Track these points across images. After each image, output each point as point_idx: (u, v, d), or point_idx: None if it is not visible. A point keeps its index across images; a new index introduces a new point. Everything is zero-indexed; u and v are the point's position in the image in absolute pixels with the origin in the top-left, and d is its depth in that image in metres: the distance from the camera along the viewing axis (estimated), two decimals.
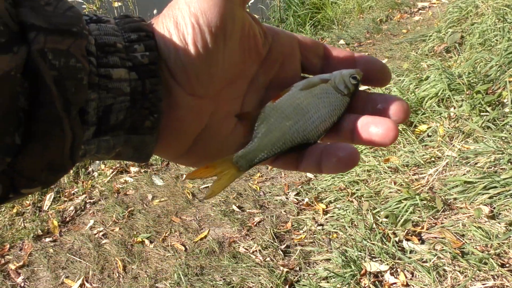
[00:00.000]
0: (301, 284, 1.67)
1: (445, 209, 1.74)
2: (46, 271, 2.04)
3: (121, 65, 0.28)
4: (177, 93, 0.31)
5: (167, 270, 1.93)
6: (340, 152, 0.32)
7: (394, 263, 1.60)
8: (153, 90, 0.29)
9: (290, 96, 0.35)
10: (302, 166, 0.35)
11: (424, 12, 4.09)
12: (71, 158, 0.26)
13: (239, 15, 0.32)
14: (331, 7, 4.85)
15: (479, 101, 2.05)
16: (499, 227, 1.56)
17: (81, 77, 0.25)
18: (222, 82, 0.33)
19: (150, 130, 0.30)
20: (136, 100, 0.29)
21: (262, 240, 1.94)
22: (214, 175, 0.34)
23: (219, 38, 0.31)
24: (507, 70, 2.14)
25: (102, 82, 0.27)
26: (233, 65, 0.33)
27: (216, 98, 0.33)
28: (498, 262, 1.46)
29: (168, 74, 0.31)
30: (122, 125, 0.29)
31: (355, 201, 1.95)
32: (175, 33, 0.30)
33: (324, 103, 0.35)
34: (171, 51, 0.30)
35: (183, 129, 0.32)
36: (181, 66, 0.30)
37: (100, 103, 0.27)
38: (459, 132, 2.02)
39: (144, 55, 0.29)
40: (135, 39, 0.29)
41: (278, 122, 0.34)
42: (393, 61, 3.24)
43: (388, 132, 0.32)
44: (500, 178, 1.65)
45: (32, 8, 0.24)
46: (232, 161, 0.34)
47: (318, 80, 0.36)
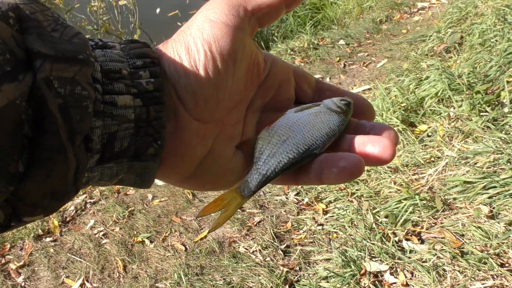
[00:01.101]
0: (301, 284, 1.68)
1: (445, 209, 1.75)
2: (46, 270, 2.05)
3: (126, 92, 0.28)
4: (183, 118, 0.31)
5: (167, 270, 1.94)
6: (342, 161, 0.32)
7: (394, 263, 1.61)
8: (158, 117, 0.29)
9: (284, 118, 0.35)
10: (301, 180, 0.35)
11: (424, 12, 4.09)
12: (74, 185, 0.26)
13: (248, 44, 0.33)
14: (331, 7, 4.85)
15: (478, 101, 2.06)
16: (499, 227, 1.56)
17: (87, 105, 0.25)
18: (227, 107, 0.33)
19: (153, 157, 0.30)
20: (140, 127, 0.29)
21: (262, 240, 1.95)
22: (223, 207, 0.34)
23: (230, 65, 0.31)
24: (507, 71, 2.15)
25: (107, 109, 0.27)
26: (238, 92, 0.33)
27: (220, 122, 0.33)
28: (498, 262, 1.46)
29: (176, 98, 0.31)
30: (126, 152, 0.29)
31: (355, 201, 1.96)
32: (186, 58, 0.31)
33: (320, 118, 0.35)
34: (181, 76, 0.30)
35: (189, 153, 0.32)
36: (190, 92, 0.30)
37: (105, 130, 0.27)
38: (458, 132, 2.02)
39: (149, 81, 0.29)
40: (141, 66, 0.29)
41: (275, 142, 0.34)
42: (393, 61, 3.25)
43: (385, 151, 0.32)
44: (499, 178, 1.66)
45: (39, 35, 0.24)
46: (236, 190, 0.34)
47: (310, 104, 0.37)
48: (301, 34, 4.22)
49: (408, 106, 2.33)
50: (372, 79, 3.06)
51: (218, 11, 0.32)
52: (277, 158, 0.34)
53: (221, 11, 0.32)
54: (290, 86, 0.38)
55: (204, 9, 0.33)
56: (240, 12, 0.32)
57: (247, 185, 0.34)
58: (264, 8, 0.33)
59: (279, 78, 0.37)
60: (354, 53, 3.63)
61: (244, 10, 0.32)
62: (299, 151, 0.34)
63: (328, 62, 3.58)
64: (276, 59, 0.38)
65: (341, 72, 3.34)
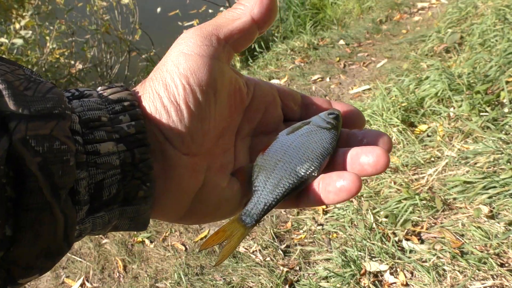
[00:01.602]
0: (301, 283, 1.68)
1: (445, 209, 1.75)
2: None
3: (108, 139, 0.28)
4: (172, 155, 0.31)
5: (168, 269, 1.94)
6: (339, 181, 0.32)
7: (393, 263, 1.61)
8: (143, 159, 0.29)
9: (278, 142, 0.35)
10: (302, 202, 0.35)
11: (424, 13, 4.09)
12: (65, 241, 0.25)
13: (226, 72, 0.33)
14: (331, 8, 4.85)
15: (478, 101, 2.06)
16: (499, 227, 1.57)
17: (67, 159, 0.24)
18: (214, 137, 0.33)
19: (144, 200, 0.30)
20: (127, 171, 0.28)
21: (262, 240, 1.95)
22: (226, 239, 0.34)
23: (210, 95, 0.31)
24: (507, 71, 2.15)
25: (90, 159, 0.27)
26: (222, 120, 0.33)
27: (209, 153, 0.33)
28: (498, 262, 1.46)
29: (161, 137, 0.30)
30: (115, 199, 0.28)
31: (355, 201, 1.96)
32: (165, 95, 0.30)
33: (313, 138, 0.35)
34: (163, 114, 0.30)
35: (182, 189, 0.32)
36: (174, 128, 0.30)
37: (91, 180, 0.27)
38: (458, 132, 2.02)
39: (130, 125, 0.29)
40: (120, 110, 0.29)
41: (272, 169, 0.34)
42: (393, 61, 3.25)
43: (379, 159, 0.32)
44: (499, 178, 1.66)
45: (11, 96, 0.23)
46: (238, 221, 0.34)
47: (300, 124, 0.37)
48: (301, 34, 4.22)
49: (408, 106, 2.33)
50: (372, 79, 3.06)
51: (190, 43, 0.32)
52: (276, 184, 0.33)
53: (194, 43, 0.31)
54: (276, 107, 0.38)
55: (177, 44, 0.32)
56: (213, 42, 0.32)
57: (249, 215, 0.33)
58: (236, 34, 0.33)
59: (265, 100, 0.37)
60: (354, 53, 3.63)
61: (217, 39, 0.32)
62: (298, 175, 0.34)
63: (328, 62, 3.59)
64: (259, 82, 0.37)
65: (341, 72, 3.34)
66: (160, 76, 0.31)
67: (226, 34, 0.33)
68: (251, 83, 0.37)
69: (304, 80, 3.33)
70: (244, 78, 0.36)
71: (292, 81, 3.38)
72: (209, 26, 0.33)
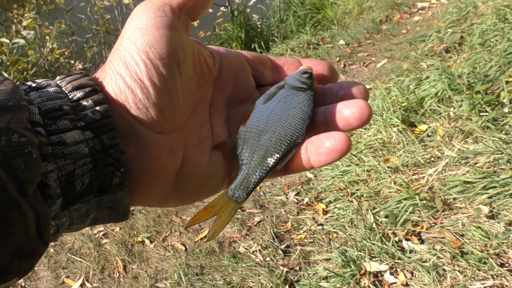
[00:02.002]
0: (301, 283, 1.68)
1: (445, 209, 1.75)
2: (46, 270, 2.05)
3: (73, 127, 0.26)
4: (145, 135, 0.29)
5: (167, 269, 1.94)
6: (327, 142, 0.31)
7: (393, 263, 1.61)
8: (113, 144, 0.27)
9: (257, 112, 0.35)
10: (290, 169, 0.34)
11: (424, 13, 4.09)
12: (40, 239, 0.24)
13: (187, 42, 0.32)
14: (331, 7, 4.85)
15: (478, 101, 2.06)
16: (499, 227, 1.56)
17: (29, 152, 0.23)
18: (186, 112, 0.32)
19: (120, 186, 0.28)
20: (98, 159, 0.27)
21: (262, 240, 1.95)
22: (215, 215, 0.33)
23: (174, 68, 0.30)
24: (507, 71, 2.15)
25: (57, 150, 0.25)
26: (192, 93, 0.32)
27: (184, 129, 0.32)
28: (498, 262, 1.46)
29: (131, 119, 0.29)
30: (89, 189, 0.27)
31: (355, 201, 1.96)
32: (127, 74, 0.29)
33: (291, 103, 0.35)
34: (128, 95, 0.29)
35: (161, 169, 0.30)
36: (142, 107, 0.29)
37: (60, 173, 0.25)
38: (458, 132, 2.02)
39: (94, 111, 0.27)
40: (82, 97, 0.28)
41: (257, 140, 0.33)
42: (393, 61, 3.25)
43: (363, 111, 0.31)
44: (499, 178, 1.66)
45: None
46: (228, 195, 0.33)
47: (275, 89, 0.36)
48: (301, 34, 4.22)
49: (408, 106, 2.33)
50: (372, 79, 3.06)
51: (144, 17, 0.30)
52: (264, 156, 0.33)
53: (148, 16, 0.30)
54: (247, 74, 0.37)
55: (130, 20, 0.31)
56: (167, 12, 0.31)
57: (239, 188, 0.33)
58: (189, 1, 0.32)
59: (233, 69, 0.36)
60: (354, 53, 3.63)
61: (170, 8, 0.31)
62: (284, 144, 0.33)
63: (328, 62, 3.58)
64: (225, 51, 0.36)
65: (341, 72, 3.34)
66: (118, 56, 0.30)
67: (179, 2, 0.31)
68: (216, 53, 0.35)
69: None
70: (208, 49, 0.35)
71: None
72: None
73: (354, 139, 2.34)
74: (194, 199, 0.34)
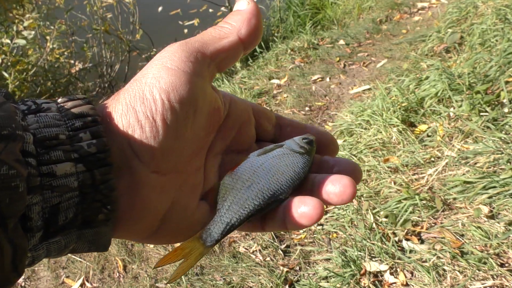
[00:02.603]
0: (301, 283, 1.68)
1: (445, 209, 1.75)
2: (46, 270, 2.05)
3: (66, 159, 0.25)
4: (139, 172, 0.29)
5: (167, 269, 1.94)
6: (302, 207, 0.31)
7: (393, 263, 1.61)
8: (104, 180, 0.27)
9: (248, 162, 0.34)
10: (268, 226, 0.34)
11: (424, 13, 4.09)
12: (15, 271, 0.23)
13: (208, 91, 0.31)
14: (331, 7, 4.85)
15: (478, 101, 2.06)
16: (499, 227, 1.56)
17: (16, 185, 0.22)
18: (187, 157, 0.31)
19: (105, 222, 0.27)
20: (86, 194, 0.26)
21: (262, 240, 1.95)
22: (183, 257, 0.32)
23: (189, 114, 0.30)
24: (507, 71, 2.15)
25: (45, 181, 0.25)
26: (197, 140, 0.32)
27: (181, 172, 0.31)
28: (498, 262, 1.46)
29: (130, 153, 0.28)
30: (72, 223, 0.26)
31: (355, 201, 1.96)
32: (141, 109, 0.28)
33: (284, 161, 0.34)
34: (136, 130, 0.28)
35: (149, 208, 0.30)
36: (146, 144, 0.28)
37: (45, 205, 0.24)
38: (458, 132, 2.02)
39: (90, 143, 0.27)
40: (80, 127, 0.27)
41: (238, 189, 0.33)
42: (393, 61, 3.25)
43: (345, 190, 0.31)
44: (499, 178, 1.66)
45: None
46: (199, 239, 0.32)
47: (273, 146, 0.36)
48: (301, 34, 4.22)
49: (408, 106, 2.33)
50: (372, 79, 3.06)
51: (175, 58, 0.30)
52: (241, 205, 0.32)
53: (179, 58, 0.30)
54: (250, 126, 0.37)
55: (160, 57, 0.31)
56: (199, 59, 0.30)
57: (209, 234, 0.32)
58: (223, 52, 0.32)
59: (240, 119, 0.36)
60: (354, 53, 3.63)
61: (203, 56, 0.31)
62: (265, 197, 0.33)
63: (328, 62, 3.58)
64: (235, 99, 0.36)
65: (341, 72, 3.34)
66: (137, 88, 0.29)
67: (212, 52, 0.31)
68: (227, 100, 0.35)
69: (304, 80, 3.33)
70: (220, 95, 0.35)
71: (292, 81, 3.38)
72: (196, 42, 0.31)
73: (354, 139, 2.35)
74: (180, 241, 0.34)
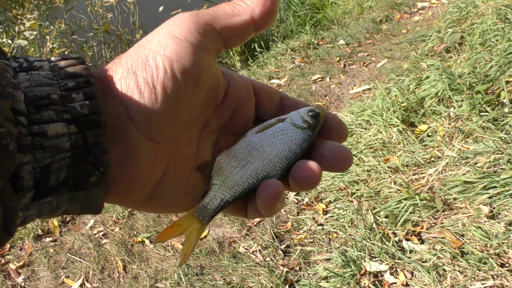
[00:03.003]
0: (301, 284, 1.67)
1: (445, 209, 1.74)
2: (46, 271, 2.05)
3: (58, 119, 0.25)
4: (133, 138, 0.28)
5: (167, 270, 1.93)
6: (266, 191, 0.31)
7: (394, 263, 1.61)
8: (97, 142, 0.26)
9: (245, 140, 0.34)
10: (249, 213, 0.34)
11: (424, 12, 4.09)
12: (5, 230, 0.23)
13: (213, 66, 0.31)
14: (331, 7, 4.85)
15: (479, 101, 2.06)
16: (499, 227, 1.56)
17: (6, 143, 0.22)
18: (182, 128, 0.31)
19: (97, 184, 0.27)
20: (78, 155, 0.26)
21: (262, 240, 1.94)
22: (181, 234, 0.33)
23: (190, 86, 0.29)
24: (507, 70, 2.15)
25: (36, 141, 0.24)
26: (194, 112, 0.31)
27: (173, 143, 0.31)
28: (498, 262, 1.46)
29: (126, 118, 0.28)
30: (64, 184, 0.26)
31: (355, 201, 1.95)
32: (142, 74, 0.28)
33: (281, 140, 0.34)
34: (135, 95, 0.28)
35: (141, 175, 0.29)
36: (143, 109, 0.28)
37: (36, 165, 0.24)
38: (459, 132, 2.02)
39: (83, 104, 0.26)
40: (73, 87, 0.26)
41: (233, 167, 0.33)
42: (393, 61, 3.24)
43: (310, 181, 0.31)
44: (499, 178, 1.66)
45: None
46: (194, 215, 0.32)
47: (275, 120, 0.35)
48: (301, 34, 4.22)
49: (408, 106, 2.33)
50: (372, 79, 3.06)
51: (183, 28, 0.29)
52: (236, 182, 0.32)
53: (187, 28, 0.29)
54: (249, 105, 0.36)
55: (168, 24, 0.30)
56: (208, 31, 0.30)
57: (204, 210, 0.32)
58: (233, 29, 0.31)
59: (238, 97, 0.35)
60: (354, 53, 3.63)
61: (212, 29, 0.30)
62: (258, 178, 0.33)
63: (328, 62, 3.58)
64: (234, 76, 0.35)
65: (341, 72, 3.34)
66: (141, 53, 0.29)
67: (222, 27, 0.31)
68: (226, 77, 0.34)
69: (304, 80, 3.33)
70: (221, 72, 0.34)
71: (292, 81, 3.38)
72: (207, 15, 0.31)
73: (354, 139, 2.34)
74: (168, 211, 0.34)
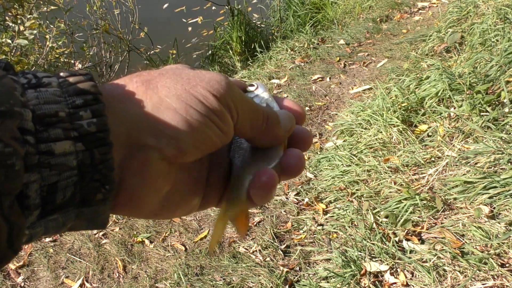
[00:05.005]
0: (301, 284, 1.67)
1: (445, 209, 1.74)
2: (46, 271, 2.04)
3: (65, 137, 0.25)
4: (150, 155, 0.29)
5: (167, 270, 1.93)
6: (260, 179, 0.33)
7: (394, 263, 1.60)
8: (104, 160, 0.26)
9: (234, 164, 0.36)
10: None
11: (424, 12, 4.09)
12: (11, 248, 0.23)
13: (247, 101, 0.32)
14: (331, 7, 4.84)
15: (479, 101, 2.05)
16: (499, 227, 1.56)
17: (12, 163, 0.22)
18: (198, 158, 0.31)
19: (103, 201, 0.27)
20: (85, 173, 0.26)
21: (262, 240, 1.94)
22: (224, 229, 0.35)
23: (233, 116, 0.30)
24: (507, 70, 2.14)
25: (43, 159, 0.24)
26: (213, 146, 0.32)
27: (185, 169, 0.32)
28: (498, 262, 1.46)
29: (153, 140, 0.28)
30: (70, 201, 0.26)
31: (355, 201, 1.95)
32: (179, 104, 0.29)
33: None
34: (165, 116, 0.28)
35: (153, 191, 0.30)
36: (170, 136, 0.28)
37: (43, 183, 0.24)
38: (459, 132, 2.02)
39: (91, 122, 0.26)
40: (81, 105, 0.26)
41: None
42: (393, 61, 3.24)
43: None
44: (500, 178, 1.65)
45: None
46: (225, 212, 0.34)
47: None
48: (301, 34, 4.22)
49: (409, 106, 2.33)
50: (372, 79, 3.05)
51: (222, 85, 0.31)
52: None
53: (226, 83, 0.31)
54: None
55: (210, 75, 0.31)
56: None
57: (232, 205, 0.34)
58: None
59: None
60: (354, 53, 3.63)
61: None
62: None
63: (328, 62, 3.58)
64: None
65: (341, 72, 3.33)
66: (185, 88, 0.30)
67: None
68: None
69: (304, 80, 3.32)
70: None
71: (292, 81, 3.37)
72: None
73: (354, 139, 2.34)
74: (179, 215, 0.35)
